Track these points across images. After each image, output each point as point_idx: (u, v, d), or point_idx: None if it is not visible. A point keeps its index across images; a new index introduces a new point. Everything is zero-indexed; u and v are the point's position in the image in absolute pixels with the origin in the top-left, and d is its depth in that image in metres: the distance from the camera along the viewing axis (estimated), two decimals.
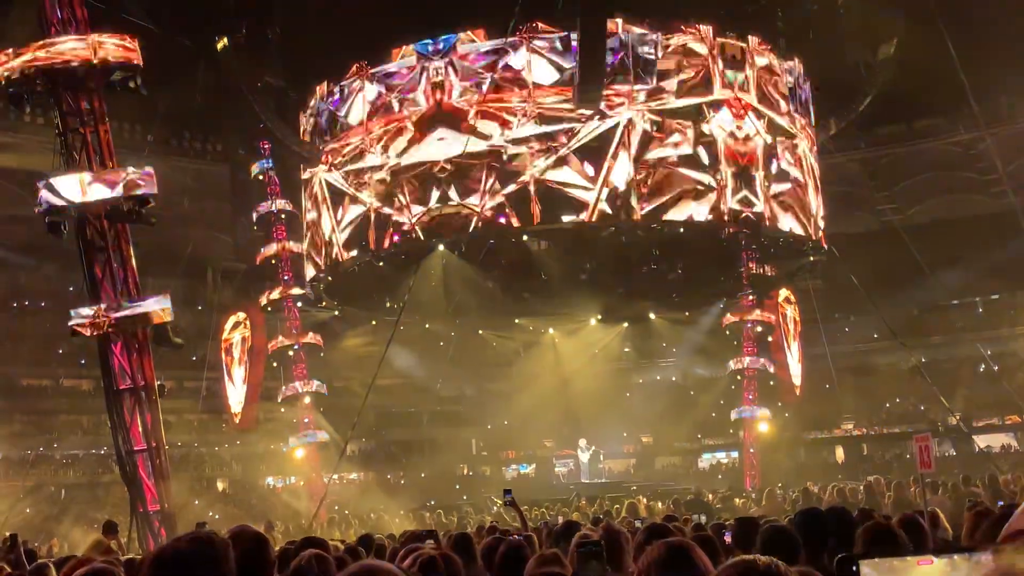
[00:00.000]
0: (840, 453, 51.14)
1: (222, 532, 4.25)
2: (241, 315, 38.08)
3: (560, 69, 28.88)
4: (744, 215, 30.09)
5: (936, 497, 16.47)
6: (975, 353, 48.36)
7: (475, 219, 29.18)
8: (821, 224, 33.83)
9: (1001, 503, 14.78)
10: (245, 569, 4.14)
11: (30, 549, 12.37)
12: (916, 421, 43.81)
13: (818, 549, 5.94)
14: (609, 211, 28.81)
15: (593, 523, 13.93)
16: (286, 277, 36.34)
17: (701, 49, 29.95)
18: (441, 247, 30.40)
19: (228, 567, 3.74)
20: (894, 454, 45.90)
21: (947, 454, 42.59)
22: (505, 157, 29.05)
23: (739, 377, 39.31)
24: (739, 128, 30.12)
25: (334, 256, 32.51)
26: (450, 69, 29.60)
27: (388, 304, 34.93)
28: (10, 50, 18.19)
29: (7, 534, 14.98)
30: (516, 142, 29.06)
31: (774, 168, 31.20)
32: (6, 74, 18.17)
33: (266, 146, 35.67)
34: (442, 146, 29.47)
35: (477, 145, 29.02)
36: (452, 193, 29.33)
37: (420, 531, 10.15)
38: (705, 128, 29.65)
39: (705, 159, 29.60)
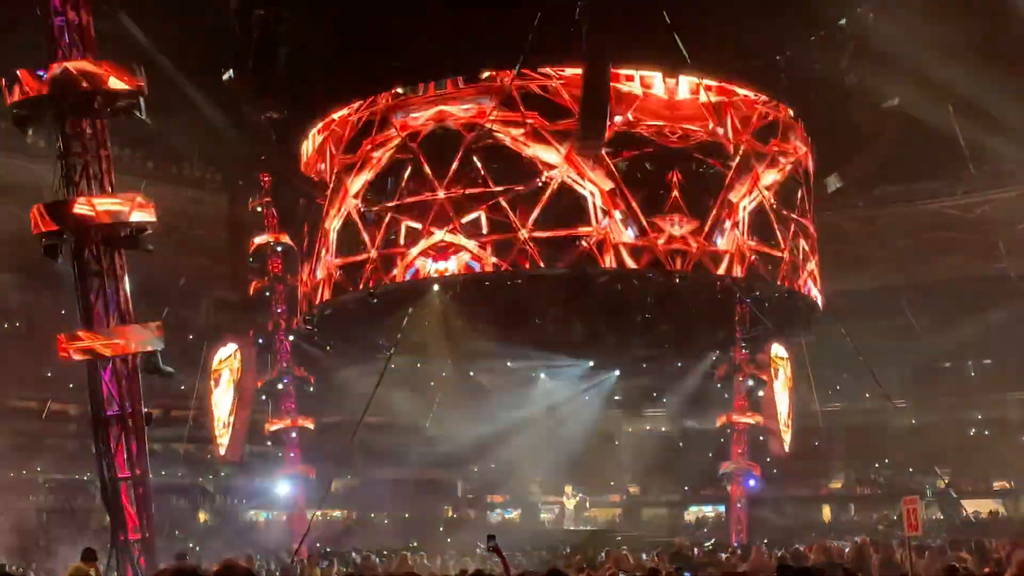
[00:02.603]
0: (827, 512, 50.88)
1: (203, 564, 4.16)
2: (232, 346, 37.93)
3: None
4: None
5: (922, 560, 16.37)
6: (966, 417, 48.26)
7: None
8: (817, 282, 33.85)
9: (987, 569, 14.67)
10: None
11: (9, 574, 12.22)
12: (904, 483, 43.58)
13: None
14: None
15: (577, 571, 13.79)
16: (279, 310, 36.26)
17: None
18: (435, 288, 30.30)
19: None
20: (881, 514, 45.66)
21: (934, 517, 42.36)
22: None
23: (729, 431, 39.14)
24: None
25: (328, 292, 32.37)
26: None
27: (381, 342, 34.78)
28: (16, 73, 18.20)
29: None
30: None
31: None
32: (12, 97, 18.18)
33: (266, 178, 35.67)
34: None
35: None
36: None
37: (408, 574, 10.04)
38: None
39: None
